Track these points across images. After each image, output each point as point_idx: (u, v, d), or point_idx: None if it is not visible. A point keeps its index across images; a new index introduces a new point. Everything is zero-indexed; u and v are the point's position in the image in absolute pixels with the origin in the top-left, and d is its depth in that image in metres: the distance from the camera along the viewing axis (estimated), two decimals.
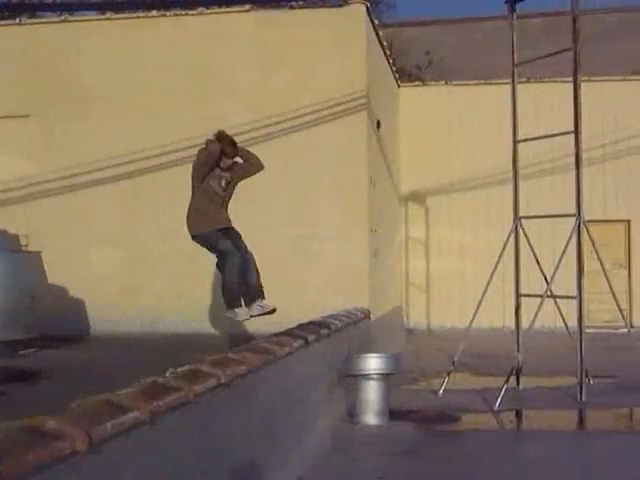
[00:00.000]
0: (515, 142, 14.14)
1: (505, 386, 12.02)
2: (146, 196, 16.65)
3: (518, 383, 13.18)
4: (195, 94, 16.57)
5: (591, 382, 13.06)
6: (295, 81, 16.19)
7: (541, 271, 13.62)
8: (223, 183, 10.50)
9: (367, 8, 16.41)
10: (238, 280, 10.26)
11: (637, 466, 8.76)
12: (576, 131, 12.85)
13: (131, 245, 16.71)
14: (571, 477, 8.56)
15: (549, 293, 13.00)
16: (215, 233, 10.40)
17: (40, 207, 16.85)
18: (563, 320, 13.82)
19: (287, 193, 16.17)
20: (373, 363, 10.51)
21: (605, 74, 25.04)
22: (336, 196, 15.91)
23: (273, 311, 10.31)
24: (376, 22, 17.90)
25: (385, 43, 19.71)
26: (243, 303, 10.28)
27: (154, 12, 17.04)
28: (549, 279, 13.00)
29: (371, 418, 10.46)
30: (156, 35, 16.87)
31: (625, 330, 14.48)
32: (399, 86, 24.06)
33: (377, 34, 18.15)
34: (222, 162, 10.30)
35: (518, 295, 13.88)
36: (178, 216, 16.42)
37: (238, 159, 10.54)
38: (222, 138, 10.30)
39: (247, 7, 16.49)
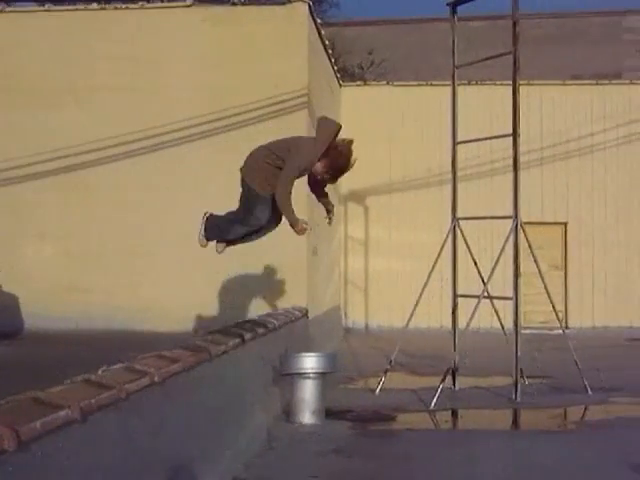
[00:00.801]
0: (454, 143, 14.20)
1: (441, 386, 12.07)
2: (85, 191, 16.50)
3: (454, 383, 13.26)
4: (136, 89, 16.45)
5: (526, 382, 13.17)
6: (236, 78, 16.13)
7: (478, 272, 13.71)
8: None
9: (309, 7, 16.41)
10: (234, 234, 9.92)
11: (569, 465, 8.84)
12: (514, 134, 12.95)
13: (68, 240, 16.55)
14: (505, 476, 8.61)
15: (486, 294, 13.09)
16: (266, 200, 9.43)
17: None
18: (499, 321, 13.91)
19: (226, 191, 16.05)
20: (309, 362, 10.49)
21: (545, 78, 25.30)
22: None
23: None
24: (319, 21, 17.91)
25: (327, 42, 19.72)
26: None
27: (94, 5, 16.91)
28: (486, 280, 13.09)
29: (307, 417, 10.44)
30: (96, 29, 16.71)
31: (560, 331, 14.63)
32: (341, 85, 24.09)
33: (319, 33, 18.15)
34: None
35: (455, 295, 13.95)
36: (119, 211, 16.42)
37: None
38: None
39: (189, 2, 16.43)
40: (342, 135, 9.02)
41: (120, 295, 16.02)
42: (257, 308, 14.80)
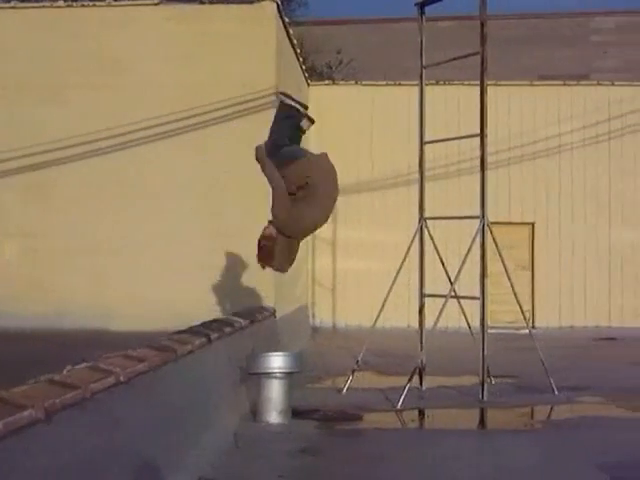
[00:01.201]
0: (422, 143, 14.23)
1: (408, 385, 12.08)
2: (54, 188, 16.38)
3: (421, 382, 13.30)
4: (101, 87, 16.33)
5: (493, 382, 13.23)
6: (203, 77, 16.08)
7: (445, 272, 13.74)
8: None
9: (277, 6, 16.38)
10: None
11: (535, 464, 8.88)
12: (482, 134, 12.98)
13: (37, 238, 16.40)
14: (471, 475, 8.63)
15: (453, 294, 13.11)
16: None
17: None
18: (466, 320, 13.96)
19: (194, 188, 16.07)
20: (276, 361, 10.48)
21: (513, 79, 25.38)
22: (243, 193, 15.83)
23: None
24: (287, 20, 17.88)
25: (296, 41, 19.69)
26: None
27: (60, 2, 16.80)
28: (453, 280, 13.12)
29: (274, 417, 10.43)
30: (62, 26, 16.59)
31: (527, 331, 14.67)
32: (309, 85, 24.06)
33: (288, 32, 18.12)
34: None
35: (422, 295, 13.97)
36: (87, 209, 16.32)
37: None
38: None
39: (156, 0, 16.36)
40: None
41: (87, 294, 15.93)
42: (224, 307, 14.77)
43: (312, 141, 23.07)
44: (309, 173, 8.98)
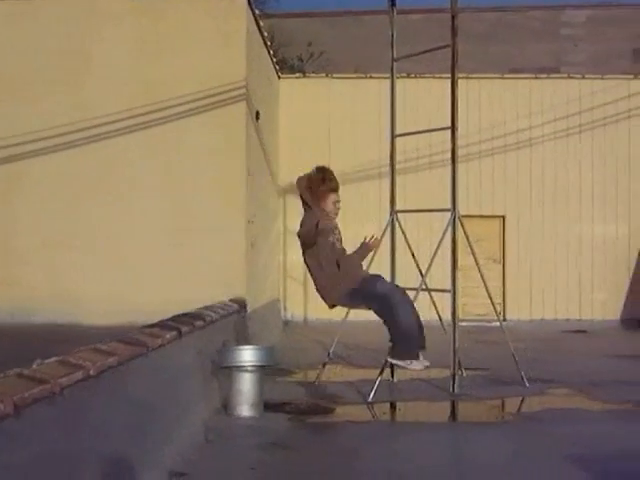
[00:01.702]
0: (393, 136, 14.24)
1: (379, 378, 12.09)
2: (19, 184, 16.26)
3: (392, 375, 13.31)
4: (70, 79, 16.22)
5: (464, 374, 13.26)
6: (173, 70, 15.99)
7: (416, 265, 13.76)
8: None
9: None
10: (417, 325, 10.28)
11: (505, 456, 8.91)
12: (453, 127, 12.99)
13: (3, 234, 16.29)
14: (443, 467, 8.64)
15: (424, 286, 13.12)
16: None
17: None
18: (437, 313, 13.97)
19: (162, 184, 15.99)
20: (247, 355, 10.47)
21: (484, 72, 25.46)
22: (213, 187, 15.79)
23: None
24: (258, 12, 17.82)
25: (266, 34, 19.64)
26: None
27: None
28: (424, 272, 13.14)
29: (245, 410, 10.42)
30: (31, 17, 16.45)
31: (498, 323, 14.72)
32: (279, 77, 24.03)
33: (258, 24, 18.06)
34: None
35: None
36: (56, 205, 16.21)
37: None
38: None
39: None
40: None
41: (56, 288, 15.82)
42: (195, 301, 14.72)
43: (282, 133, 23.11)
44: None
